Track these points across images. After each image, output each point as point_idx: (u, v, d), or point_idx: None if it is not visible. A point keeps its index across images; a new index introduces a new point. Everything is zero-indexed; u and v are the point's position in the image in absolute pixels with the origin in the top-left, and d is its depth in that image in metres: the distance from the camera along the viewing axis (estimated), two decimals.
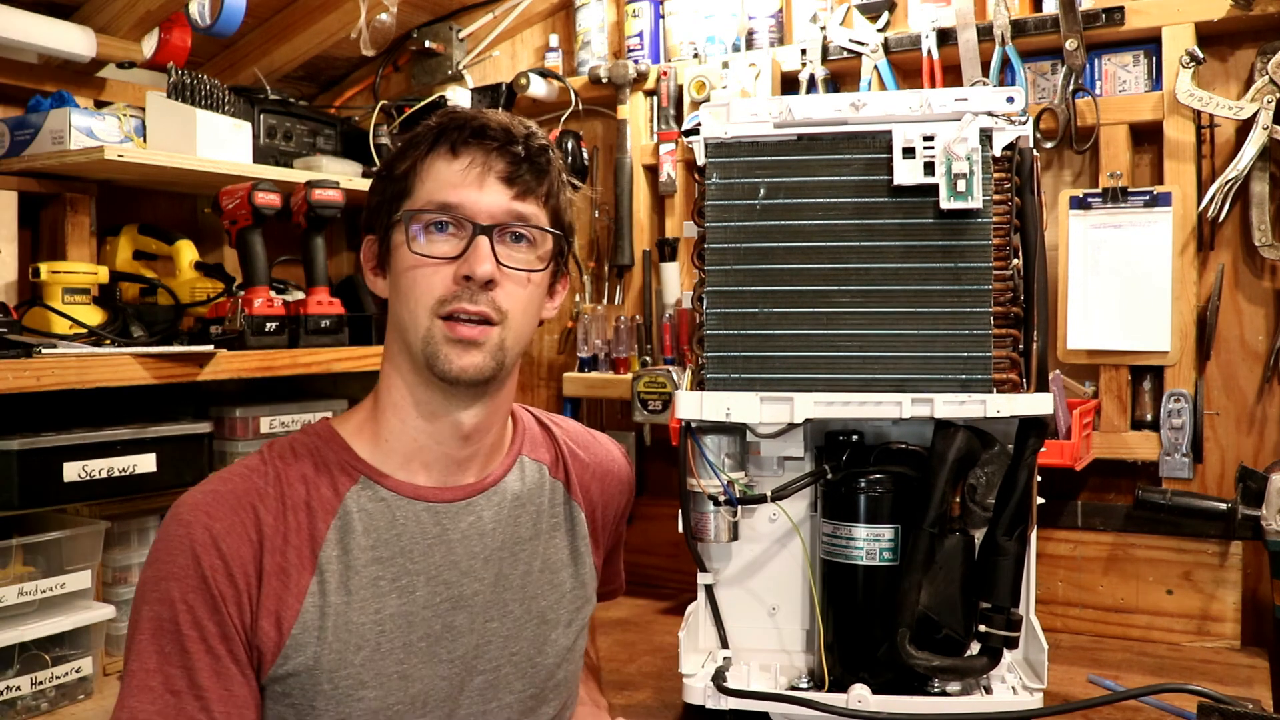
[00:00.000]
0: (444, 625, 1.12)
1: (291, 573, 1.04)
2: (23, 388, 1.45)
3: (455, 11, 2.52)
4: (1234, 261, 1.89)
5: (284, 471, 1.09)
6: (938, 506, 1.34)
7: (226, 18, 1.99)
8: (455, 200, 1.08)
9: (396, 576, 1.10)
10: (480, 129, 1.09)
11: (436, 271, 1.08)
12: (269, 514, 1.05)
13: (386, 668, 1.07)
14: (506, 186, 1.09)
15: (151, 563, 1.03)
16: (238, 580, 1.02)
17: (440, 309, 1.07)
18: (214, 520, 1.03)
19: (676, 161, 2.30)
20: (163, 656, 0.99)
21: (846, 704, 1.34)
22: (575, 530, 1.27)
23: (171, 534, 1.03)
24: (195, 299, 1.95)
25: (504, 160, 1.09)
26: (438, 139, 1.10)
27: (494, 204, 1.08)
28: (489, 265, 1.06)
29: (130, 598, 1.75)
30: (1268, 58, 1.79)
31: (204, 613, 1.00)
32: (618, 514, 1.36)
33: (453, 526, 1.14)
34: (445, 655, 1.12)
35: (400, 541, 1.10)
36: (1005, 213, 1.35)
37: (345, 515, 1.09)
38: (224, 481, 1.07)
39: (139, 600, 1.02)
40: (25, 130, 1.80)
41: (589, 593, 1.28)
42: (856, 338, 1.37)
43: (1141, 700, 1.45)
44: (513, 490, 1.20)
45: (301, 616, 1.04)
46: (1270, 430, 1.87)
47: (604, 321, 2.35)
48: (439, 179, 1.09)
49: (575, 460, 1.29)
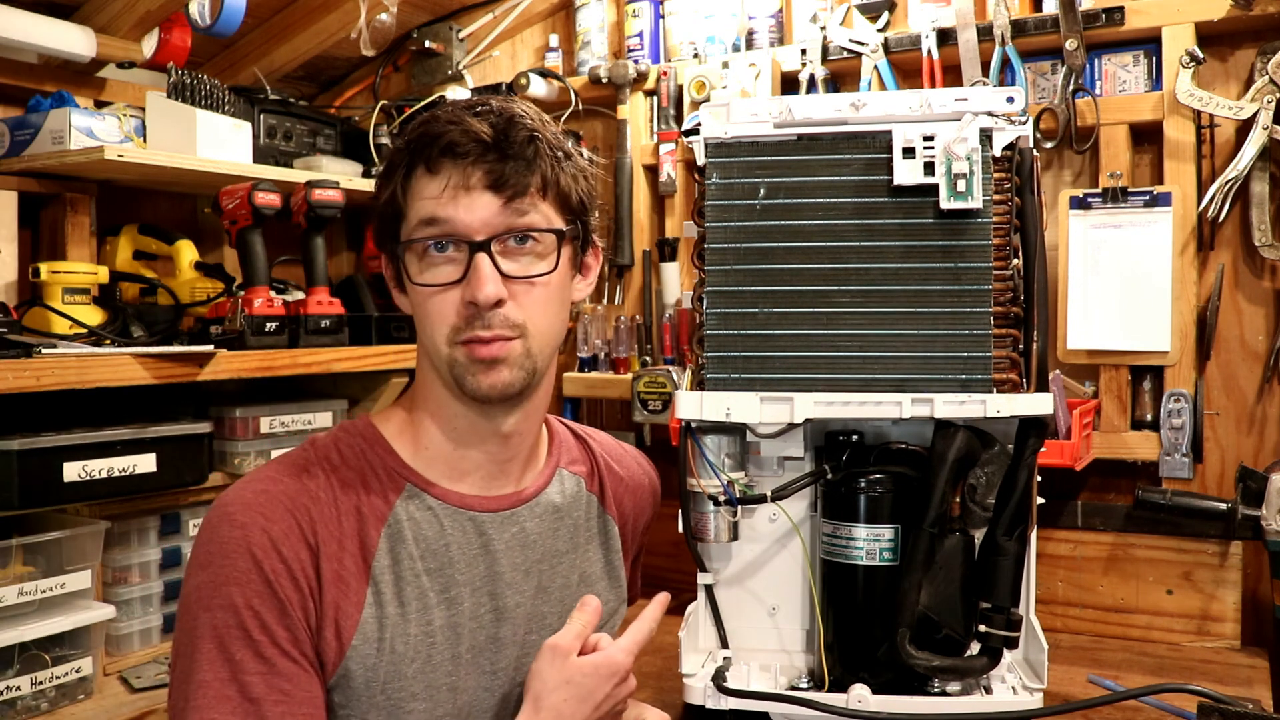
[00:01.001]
0: (488, 637, 1.11)
1: (350, 581, 1.02)
2: (23, 388, 1.45)
3: (455, 11, 2.52)
4: (1234, 261, 1.89)
5: (333, 474, 1.07)
6: (938, 506, 1.34)
7: (226, 18, 1.99)
8: (445, 224, 1.03)
9: (445, 588, 1.08)
10: (448, 146, 1.03)
11: (444, 300, 1.05)
12: (323, 519, 1.03)
13: (437, 680, 1.06)
14: (494, 194, 1.03)
15: (204, 566, 0.99)
16: (301, 584, 0.99)
17: (456, 336, 1.05)
18: (271, 523, 1.00)
19: (676, 161, 2.30)
20: (234, 664, 0.95)
21: (846, 704, 1.34)
22: (609, 544, 1.27)
23: (225, 536, 0.99)
24: (195, 299, 1.95)
25: (481, 169, 1.03)
26: (413, 159, 1.05)
27: (485, 216, 1.03)
28: (492, 287, 1.02)
29: (131, 598, 1.76)
30: (1268, 58, 1.79)
31: (272, 617, 0.97)
32: (645, 525, 1.38)
33: (497, 537, 1.13)
34: (489, 667, 1.11)
35: (448, 552, 1.09)
36: (1005, 213, 1.35)
37: (396, 524, 1.07)
38: (273, 481, 1.04)
39: (194, 606, 0.98)
40: (25, 130, 1.80)
41: (621, 604, 1.29)
42: (856, 338, 1.37)
43: (1141, 700, 1.45)
44: (553, 502, 1.20)
45: (361, 627, 1.02)
46: (1270, 430, 1.87)
47: (604, 321, 2.35)
48: (424, 199, 1.04)
49: (610, 474, 1.29)
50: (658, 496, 1.39)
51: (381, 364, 2.08)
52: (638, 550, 1.40)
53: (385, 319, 2.17)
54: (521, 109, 1.08)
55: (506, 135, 1.04)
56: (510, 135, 1.04)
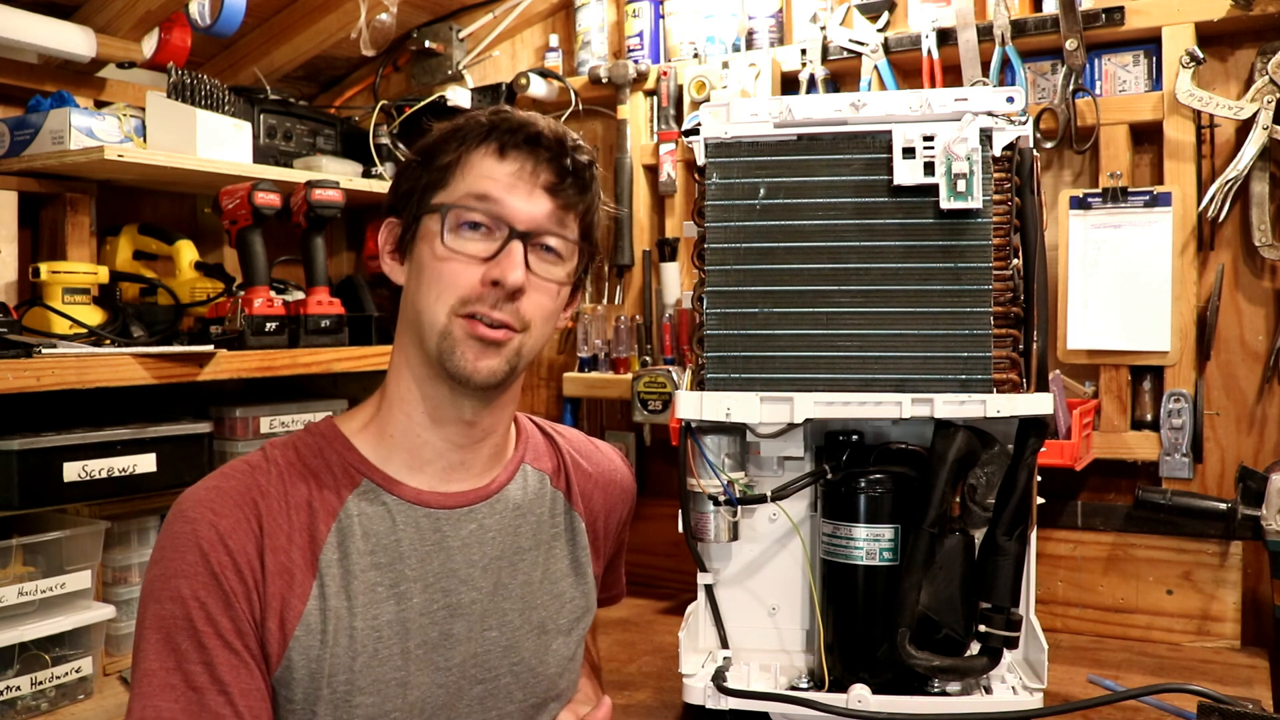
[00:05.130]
0: (441, 633, 1.11)
1: (295, 573, 1.04)
2: (23, 388, 1.45)
3: (455, 11, 2.52)
4: (1234, 261, 1.89)
5: (286, 470, 1.09)
6: (938, 506, 1.34)
7: (226, 18, 1.99)
8: (498, 197, 1.07)
9: (394, 583, 1.09)
10: (535, 136, 1.08)
11: (465, 269, 1.06)
12: (271, 511, 1.05)
13: (384, 674, 1.07)
14: (550, 196, 1.09)
15: (157, 561, 1.02)
16: (246, 577, 1.01)
17: (461, 308, 1.06)
18: (219, 517, 1.02)
19: (676, 161, 2.30)
20: (179, 654, 0.98)
21: (846, 704, 1.34)
22: (576, 540, 1.26)
23: (176, 531, 1.02)
24: (195, 299, 1.95)
25: (552, 170, 1.08)
26: (488, 136, 1.09)
27: (536, 211, 1.08)
28: (520, 273, 1.05)
29: (131, 598, 1.76)
30: (1268, 58, 1.79)
31: (217, 608, 0.99)
32: (620, 523, 1.36)
33: (453, 534, 1.13)
34: (443, 663, 1.11)
35: (399, 548, 1.10)
36: (1005, 213, 1.35)
37: (345, 519, 1.08)
38: (226, 478, 1.07)
39: (146, 599, 1.01)
40: (25, 130, 1.80)
41: (590, 602, 1.28)
42: (856, 338, 1.37)
43: (1141, 700, 1.45)
44: (514, 499, 1.20)
45: (304, 619, 1.03)
46: (1270, 430, 1.87)
47: (604, 321, 2.35)
48: (483, 176, 1.08)
49: (578, 470, 1.29)
50: (633, 491, 1.38)
51: (381, 364, 2.07)
52: (618, 548, 1.39)
53: (385, 319, 2.17)
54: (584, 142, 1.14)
55: (575, 154, 1.10)
56: (579, 154, 1.11)
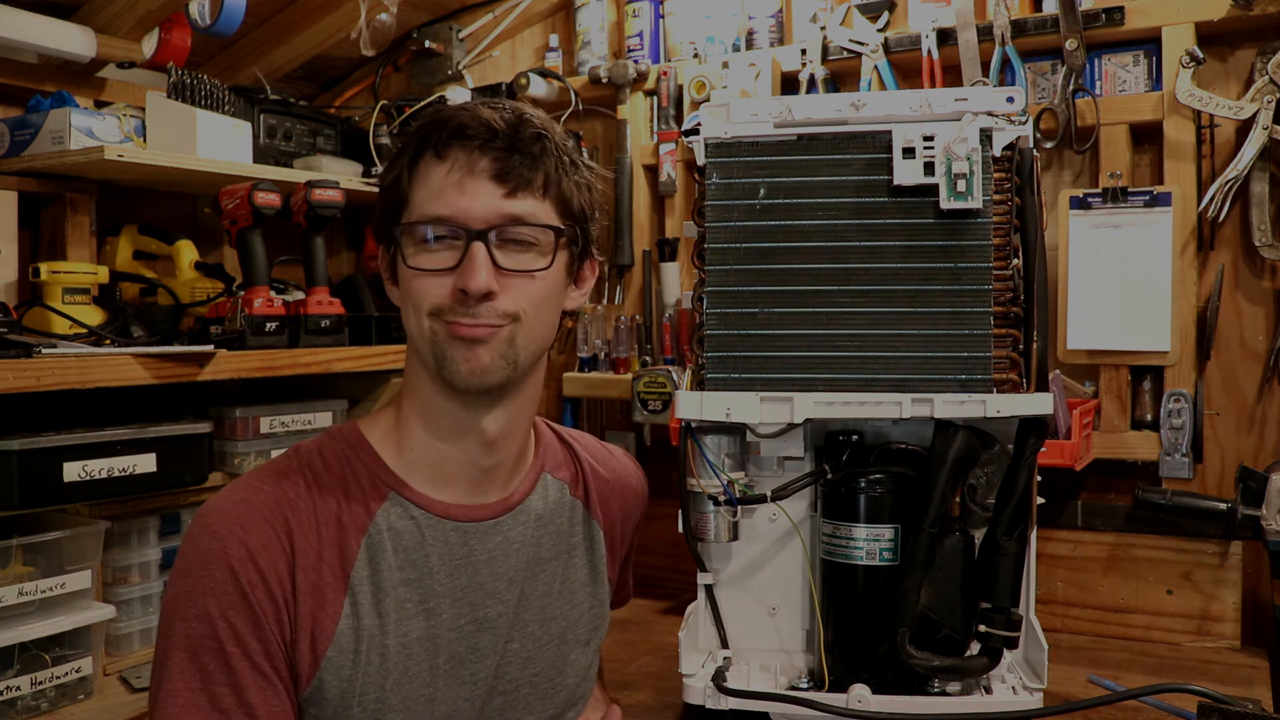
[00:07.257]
0: (468, 647, 1.10)
1: (327, 592, 1.02)
2: (23, 388, 1.45)
3: (455, 11, 2.52)
4: (1234, 261, 1.89)
5: (314, 482, 1.06)
6: (938, 506, 1.34)
7: (226, 18, 1.99)
8: (446, 210, 1.03)
9: (424, 599, 1.08)
10: (459, 128, 1.03)
11: (434, 283, 1.04)
12: (302, 528, 1.02)
13: (414, 691, 1.06)
14: (497, 184, 1.03)
15: (183, 575, 0.99)
16: (276, 596, 0.99)
17: (439, 315, 1.04)
18: (249, 534, 1.00)
19: (676, 161, 2.30)
20: (206, 675, 0.96)
21: (846, 704, 1.34)
22: (594, 549, 1.26)
23: (204, 546, 0.99)
24: (195, 299, 1.95)
25: (488, 157, 1.03)
26: (424, 142, 1.05)
27: (485, 207, 1.03)
28: (484, 276, 1.01)
29: (131, 598, 1.76)
30: (1268, 58, 1.79)
31: (246, 629, 0.97)
32: (633, 527, 1.36)
33: (480, 547, 1.12)
34: (469, 677, 1.11)
35: (428, 563, 1.08)
36: (1005, 213, 1.35)
37: (375, 534, 1.06)
38: (254, 490, 1.04)
39: (171, 615, 0.99)
40: (25, 130, 1.80)
41: (606, 610, 1.28)
42: (856, 338, 1.37)
43: (1141, 700, 1.45)
44: (536, 509, 1.18)
45: (337, 639, 1.02)
46: (1270, 430, 1.87)
47: (604, 321, 2.35)
48: (429, 185, 1.04)
49: (596, 478, 1.28)
50: (645, 495, 1.37)
51: (381, 364, 2.08)
52: (628, 550, 1.39)
53: (385, 319, 2.16)
54: (532, 111, 1.09)
55: (516, 130, 1.04)
56: (519, 130, 1.04)
